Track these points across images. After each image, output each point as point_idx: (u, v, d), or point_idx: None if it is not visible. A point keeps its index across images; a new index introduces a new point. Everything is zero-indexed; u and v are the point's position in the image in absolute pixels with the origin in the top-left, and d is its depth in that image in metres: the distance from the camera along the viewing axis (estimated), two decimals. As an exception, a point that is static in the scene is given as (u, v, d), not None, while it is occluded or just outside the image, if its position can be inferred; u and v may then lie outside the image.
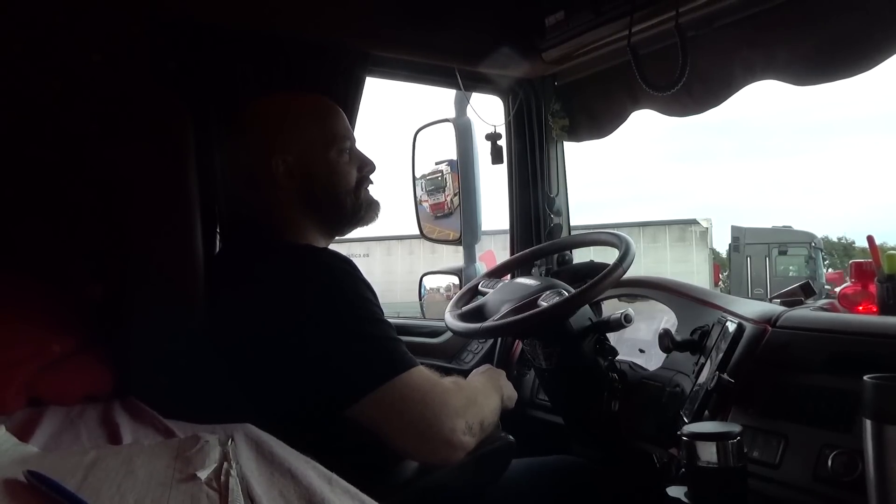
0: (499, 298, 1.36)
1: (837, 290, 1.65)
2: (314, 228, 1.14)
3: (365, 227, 1.23)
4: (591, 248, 1.56)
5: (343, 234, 1.23)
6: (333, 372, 0.94)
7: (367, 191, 1.20)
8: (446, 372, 1.09)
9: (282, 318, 0.95)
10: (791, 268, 12.08)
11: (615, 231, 1.33)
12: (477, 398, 1.05)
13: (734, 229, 12.71)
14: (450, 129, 1.88)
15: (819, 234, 14.12)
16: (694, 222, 15.19)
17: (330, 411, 0.94)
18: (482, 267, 1.92)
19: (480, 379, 1.17)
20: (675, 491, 0.92)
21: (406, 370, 0.95)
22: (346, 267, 1.00)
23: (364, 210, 1.19)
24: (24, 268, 0.99)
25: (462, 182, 1.87)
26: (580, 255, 1.81)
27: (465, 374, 1.22)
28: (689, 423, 1.05)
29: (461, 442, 0.96)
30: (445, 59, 1.71)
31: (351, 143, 1.18)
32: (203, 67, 1.29)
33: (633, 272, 1.27)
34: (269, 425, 0.78)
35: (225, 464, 0.66)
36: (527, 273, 1.69)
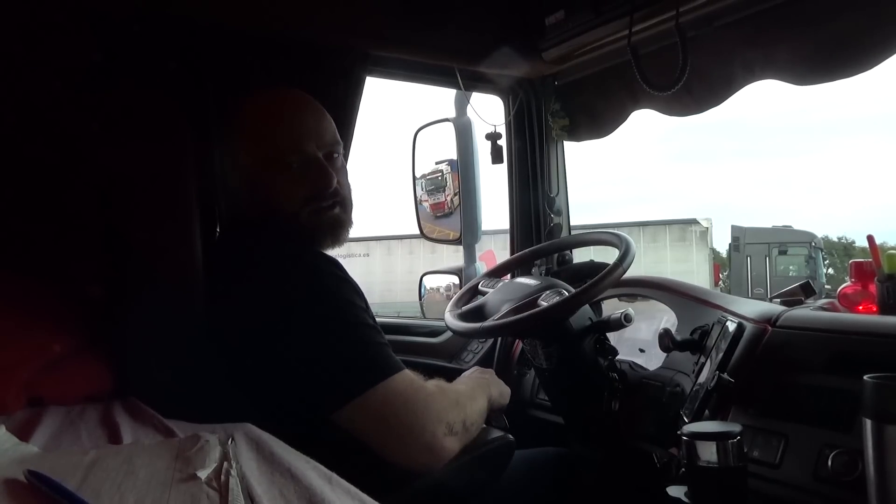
0: (499, 298, 1.36)
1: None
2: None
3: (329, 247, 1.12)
4: (591, 247, 1.56)
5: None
6: (316, 377, 0.93)
7: (316, 212, 1.09)
8: (447, 372, 1.08)
9: (268, 320, 0.95)
10: (791, 267, 12.10)
11: (615, 231, 1.32)
12: (459, 400, 1.04)
13: (734, 229, 12.72)
14: (450, 128, 1.88)
15: (819, 234, 14.17)
16: (694, 222, 15.17)
17: (317, 416, 0.94)
18: (482, 267, 1.92)
19: (466, 381, 1.17)
20: (675, 491, 0.92)
21: (386, 377, 0.94)
22: (331, 269, 0.99)
23: (311, 231, 1.09)
24: (24, 268, 0.99)
25: (462, 182, 1.87)
26: (580, 255, 1.81)
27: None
28: (690, 422, 1.05)
29: (442, 446, 0.96)
30: (445, 59, 1.71)
31: (299, 157, 1.07)
32: (203, 67, 1.29)
33: (633, 272, 1.27)
34: (269, 425, 0.78)
35: (225, 463, 0.66)
36: (527, 273, 1.69)
